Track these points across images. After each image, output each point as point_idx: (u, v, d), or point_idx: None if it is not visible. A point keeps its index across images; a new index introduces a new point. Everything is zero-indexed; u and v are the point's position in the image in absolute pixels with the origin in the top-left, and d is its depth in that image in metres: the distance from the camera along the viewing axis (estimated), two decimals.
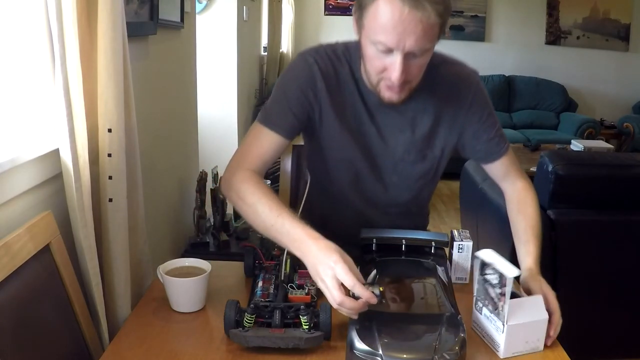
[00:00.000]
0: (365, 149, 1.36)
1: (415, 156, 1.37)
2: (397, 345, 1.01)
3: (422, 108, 1.33)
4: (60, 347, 1.08)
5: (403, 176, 1.40)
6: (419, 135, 1.35)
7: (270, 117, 1.32)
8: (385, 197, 1.43)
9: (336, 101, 1.32)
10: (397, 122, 1.34)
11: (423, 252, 1.31)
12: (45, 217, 1.09)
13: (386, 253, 1.30)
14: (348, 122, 1.34)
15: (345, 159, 1.38)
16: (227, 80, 3.47)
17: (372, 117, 1.33)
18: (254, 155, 1.31)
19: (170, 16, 2.02)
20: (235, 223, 2.60)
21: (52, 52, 1.09)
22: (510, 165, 1.42)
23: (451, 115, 1.35)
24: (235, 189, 1.25)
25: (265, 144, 1.31)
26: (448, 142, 1.38)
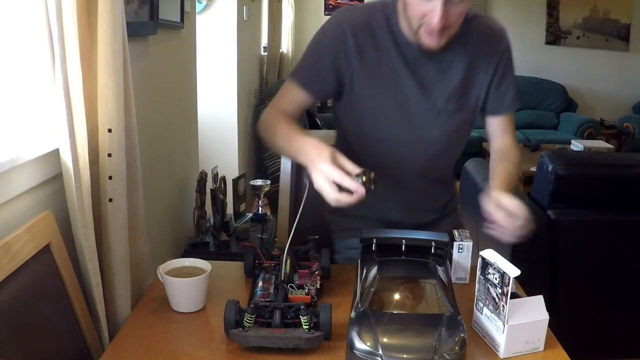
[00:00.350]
0: (403, 104, 1.36)
1: (455, 105, 1.38)
2: (397, 345, 1.01)
3: (458, 57, 1.36)
4: (60, 347, 1.08)
5: (444, 129, 1.40)
6: (456, 83, 1.37)
7: (299, 74, 1.38)
8: (423, 156, 1.43)
9: (370, 58, 1.33)
10: (436, 72, 1.35)
11: (423, 252, 1.31)
12: (45, 217, 1.09)
13: (386, 253, 1.30)
14: (383, 78, 1.35)
15: (380, 117, 1.38)
16: (227, 80, 3.47)
17: (410, 69, 1.34)
18: (282, 105, 1.39)
19: (170, 16, 2.02)
20: (235, 223, 2.60)
21: (52, 52, 1.09)
22: (509, 124, 1.47)
23: (482, 65, 1.38)
24: (264, 127, 1.38)
25: (292, 99, 1.38)
26: (480, 92, 1.40)
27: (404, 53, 1.33)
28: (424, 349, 1.00)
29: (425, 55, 1.32)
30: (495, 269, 1.11)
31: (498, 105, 1.43)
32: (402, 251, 1.32)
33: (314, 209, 1.65)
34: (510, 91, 1.42)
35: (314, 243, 1.46)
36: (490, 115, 1.45)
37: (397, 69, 1.34)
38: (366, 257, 1.29)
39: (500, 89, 1.41)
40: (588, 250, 2.28)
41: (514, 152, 1.45)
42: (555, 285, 2.30)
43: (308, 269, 1.39)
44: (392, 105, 1.36)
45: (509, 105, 1.44)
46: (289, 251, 1.35)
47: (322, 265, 1.40)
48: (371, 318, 1.05)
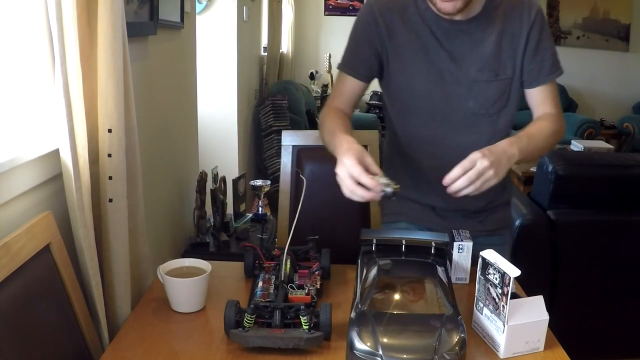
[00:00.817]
0: (436, 77, 1.38)
1: (489, 75, 1.38)
2: (397, 346, 1.01)
3: (489, 28, 1.36)
4: (60, 347, 1.08)
5: (479, 100, 1.39)
6: (488, 53, 1.37)
7: (344, 61, 1.46)
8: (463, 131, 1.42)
9: (400, 35, 1.38)
10: (466, 42, 1.37)
11: (423, 252, 1.31)
12: (45, 217, 1.09)
13: (386, 253, 1.30)
14: (415, 53, 1.38)
15: (415, 91, 1.41)
16: (227, 80, 3.47)
17: (440, 42, 1.37)
18: (336, 96, 1.48)
19: (170, 16, 2.02)
20: (235, 223, 2.60)
21: (52, 52, 1.09)
22: (549, 95, 1.42)
23: (515, 35, 1.37)
24: (319, 122, 1.46)
25: (343, 87, 1.47)
26: (516, 62, 1.38)
27: (433, 27, 1.36)
28: (424, 349, 1.00)
29: (455, 27, 1.35)
30: (495, 269, 1.11)
31: (536, 74, 1.39)
32: (402, 251, 1.32)
33: (314, 209, 1.65)
34: (547, 60, 1.39)
35: (314, 243, 1.46)
36: (529, 87, 1.41)
37: (427, 42, 1.37)
38: (366, 257, 1.29)
39: (536, 58, 1.38)
40: (588, 250, 2.28)
41: (551, 121, 1.39)
42: (555, 285, 2.29)
43: (308, 269, 1.39)
44: (426, 79, 1.39)
45: (547, 74, 1.40)
46: (289, 251, 1.35)
47: (322, 266, 1.40)
48: (371, 318, 1.05)
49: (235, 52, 3.44)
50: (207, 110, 3.32)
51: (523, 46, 1.37)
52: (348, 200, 1.95)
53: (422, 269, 1.24)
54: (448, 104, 1.40)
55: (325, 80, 5.92)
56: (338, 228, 1.85)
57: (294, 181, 1.96)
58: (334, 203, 1.94)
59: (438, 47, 1.37)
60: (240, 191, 2.73)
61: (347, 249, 1.44)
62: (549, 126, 1.37)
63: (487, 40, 1.37)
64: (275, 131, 3.93)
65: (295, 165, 1.96)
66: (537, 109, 1.44)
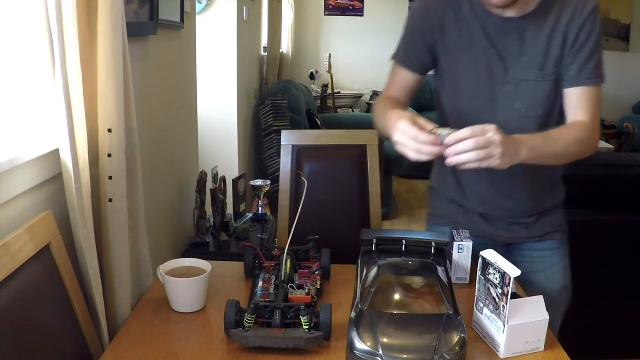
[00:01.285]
0: (483, 75, 1.36)
1: (537, 74, 1.34)
2: (397, 345, 1.01)
3: (539, 26, 1.32)
4: (60, 347, 1.08)
5: (526, 100, 1.35)
6: (537, 51, 1.33)
7: (398, 54, 1.49)
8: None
9: (450, 30, 1.38)
10: (517, 39, 1.33)
11: (423, 252, 1.31)
12: (45, 217, 1.09)
13: (386, 253, 1.30)
14: (464, 49, 1.37)
15: (462, 88, 1.41)
16: (226, 80, 3.47)
17: (491, 40, 1.34)
18: (390, 87, 1.51)
19: (170, 16, 2.02)
20: (235, 223, 2.60)
21: (52, 52, 1.09)
22: (586, 100, 1.33)
23: (564, 33, 1.32)
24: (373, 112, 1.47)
25: (396, 79, 1.50)
26: (562, 58, 1.33)
27: (485, 23, 1.34)
28: (424, 349, 1.00)
29: (507, 24, 1.32)
30: (495, 269, 1.11)
31: (575, 74, 1.33)
32: (402, 251, 1.32)
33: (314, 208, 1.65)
34: (591, 63, 1.32)
35: (314, 243, 1.46)
36: (566, 86, 1.34)
37: (477, 39, 1.35)
38: (366, 257, 1.29)
39: (579, 57, 1.32)
40: (588, 250, 2.28)
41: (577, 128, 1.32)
42: None
43: (308, 269, 1.39)
44: (473, 77, 1.38)
45: (587, 77, 1.32)
46: (289, 251, 1.35)
47: (322, 265, 1.40)
48: (371, 318, 1.05)
49: (235, 52, 3.44)
50: (207, 110, 3.31)
51: (571, 42, 1.32)
52: (348, 200, 1.96)
53: (422, 268, 1.24)
54: (495, 103, 1.37)
55: (325, 80, 5.92)
56: (338, 228, 1.85)
57: (293, 181, 1.96)
58: (333, 203, 1.95)
59: (488, 44, 1.34)
60: (240, 191, 2.73)
61: (347, 249, 1.45)
62: (573, 133, 1.30)
63: (538, 38, 1.32)
64: (275, 131, 3.93)
65: (294, 164, 1.96)
66: (570, 113, 1.35)
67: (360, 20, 6.38)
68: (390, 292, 1.16)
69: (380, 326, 1.04)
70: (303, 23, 6.33)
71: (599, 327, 2.37)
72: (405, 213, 4.50)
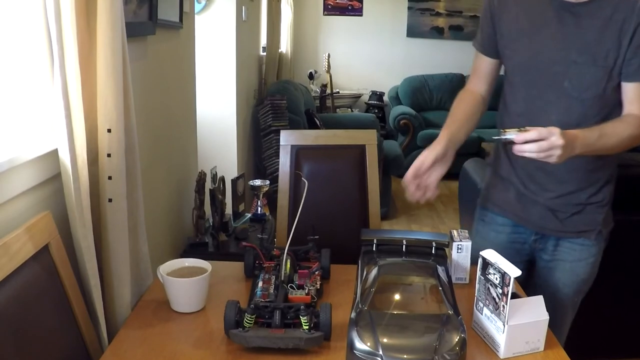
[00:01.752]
0: (538, 53, 1.42)
1: (587, 59, 1.38)
2: (397, 345, 1.01)
3: (596, 12, 1.36)
4: (59, 347, 1.08)
5: (574, 82, 1.39)
6: (591, 37, 1.37)
7: (476, 39, 1.59)
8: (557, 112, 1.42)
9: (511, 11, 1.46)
10: (572, 24, 1.38)
11: (423, 253, 1.31)
12: (44, 217, 1.09)
13: (387, 254, 1.30)
14: (522, 29, 1.45)
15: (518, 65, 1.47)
16: (226, 80, 3.46)
17: (547, 21, 1.41)
18: (472, 74, 1.62)
19: (169, 16, 2.02)
20: (234, 223, 2.60)
21: (51, 52, 1.09)
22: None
23: (621, 24, 1.35)
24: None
25: (477, 64, 1.60)
26: (620, 51, 1.36)
27: (544, 5, 1.41)
28: (424, 349, 1.00)
29: (565, 8, 1.37)
30: (495, 269, 1.11)
31: (634, 69, 1.37)
32: (402, 252, 1.31)
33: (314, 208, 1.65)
34: None
35: (314, 243, 1.46)
36: (625, 80, 1.39)
37: (534, 19, 1.42)
38: (366, 257, 1.29)
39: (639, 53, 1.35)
40: None
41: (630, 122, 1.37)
42: None
43: (308, 269, 1.39)
44: (527, 52, 1.44)
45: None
46: (289, 251, 1.35)
47: (322, 266, 1.40)
48: (371, 318, 1.05)
49: (234, 52, 3.44)
50: (206, 110, 3.31)
51: (629, 38, 1.34)
52: (347, 200, 1.96)
53: (423, 269, 1.24)
54: (544, 79, 1.43)
55: (324, 80, 5.92)
56: (338, 228, 1.85)
57: (292, 181, 1.96)
58: (333, 203, 1.95)
59: (543, 25, 1.41)
60: (239, 191, 2.73)
61: (347, 249, 1.45)
62: (628, 130, 1.36)
63: (593, 26, 1.36)
64: (274, 131, 3.93)
65: (294, 165, 1.96)
66: (626, 105, 1.41)
67: (359, 20, 6.37)
68: (391, 292, 1.16)
69: (381, 326, 1.03)
70: (302, 23, 6.33)
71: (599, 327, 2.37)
72: (404, 213, 4.50)
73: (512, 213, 1.57)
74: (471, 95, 1.57)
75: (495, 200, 1.62)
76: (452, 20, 6.33)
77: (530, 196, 1.52)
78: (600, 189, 1.51)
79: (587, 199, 1.50)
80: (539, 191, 1.50)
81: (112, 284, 1.24)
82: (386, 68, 6.35)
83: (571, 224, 1.51)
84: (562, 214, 1.51)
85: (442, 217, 4.51)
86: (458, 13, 6.34)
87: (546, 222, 1.52)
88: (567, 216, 1.51)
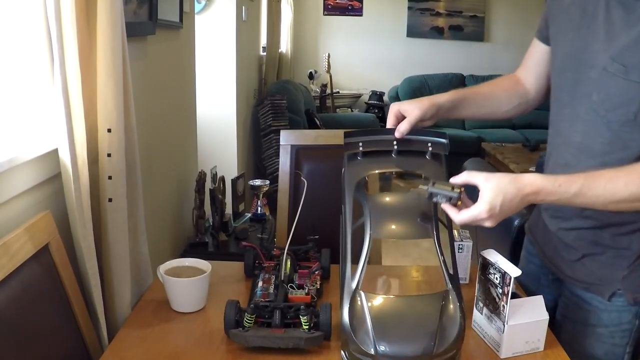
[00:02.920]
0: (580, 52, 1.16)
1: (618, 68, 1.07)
2: (394, 346, 1.00)
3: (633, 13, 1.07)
4: (59, 347, 1.08)
5: (601, 95, 1.11)
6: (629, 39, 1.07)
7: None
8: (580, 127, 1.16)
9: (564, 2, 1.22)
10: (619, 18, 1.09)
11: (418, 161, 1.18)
12: (44, 217, 1.09)
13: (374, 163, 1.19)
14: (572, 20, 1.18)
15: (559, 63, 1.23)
16: (226, 80, 3.47)
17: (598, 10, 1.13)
18: (522, 62, 1.41)
19: (169, 16, 2.02)
20: (234, 223, 2.60)
21: (51, 52, 1.09)
22: None
23: None
24: None
25: (530, 51, 1.38)
26: None
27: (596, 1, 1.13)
28: (422, 349, 0.99)
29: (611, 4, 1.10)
30: (496, 268, 1.11)
31: None
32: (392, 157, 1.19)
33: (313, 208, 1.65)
34: None
35: (314, 243, 1.46)
36: None
37: (587, 9, 1.15)
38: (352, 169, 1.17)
39: None
40: None
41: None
42: None
43: (308, 269, 1.39)
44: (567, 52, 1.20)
45: None
46: (289, 251, 1.35)
47: (322, 265, 1.40)
48: (366, 315, 1.02)
49: (234, 52, 3.44)
50: (206, 110, 3.31)
51: None
52: None
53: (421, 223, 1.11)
54: (577, 86, 1.16)
55: (324, 80, 5.92)
56: (338, 228, 1.85)
57: (292, 181, 1.95)
58: (333, 203, 1.94)
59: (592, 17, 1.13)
60: (239, 191, 2.73)
61: None
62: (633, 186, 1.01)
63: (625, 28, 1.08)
64: (274, 131, 3.93)
65: (294, 164, 1.96)
66: None
67: (359, 20, 6.37)
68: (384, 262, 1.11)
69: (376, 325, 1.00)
70: (302, 23, 6.33)
71: None
72: None
73: (537, 242, 1.34)
74: (511, 81, 1.38)
75: (530, 225, 1.40)
76: (452, 20, 6.33)
77: (548, 223, 1.28)
78: (631, 232, 1.14)
79: (609, 241, 1.16)
80: (555, 219, 1.25)
81: (112, 283, 1.24)
82: (386, 68, 6.35)
83: (581, 269, 1.20)
84: (573, 252, 1.21)
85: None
86: (458, 13, 6.34)
87: (558, 260, 1.25)
88: (579, 257, 1.20)
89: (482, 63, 6.30)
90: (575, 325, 1.22)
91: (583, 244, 1.19)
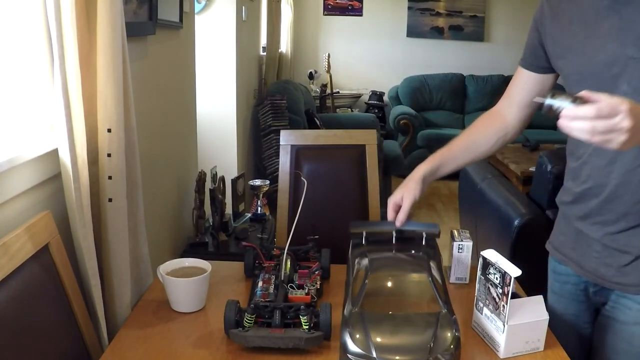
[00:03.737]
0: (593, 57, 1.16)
1: None
2: (391, 347, 1.01)
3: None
4: (59, 347, 1.08)
5: (633, 83, 1.11)
6: None
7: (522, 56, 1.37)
8: None
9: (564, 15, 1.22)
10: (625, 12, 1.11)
11: (414, 244, 1.28)
12: (44, 217, 1.09)
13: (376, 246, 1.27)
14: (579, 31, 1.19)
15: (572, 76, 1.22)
16: (226, 80, 3.47)
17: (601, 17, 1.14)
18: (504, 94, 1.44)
19: (169, 16, 2.02)
20: (234, 223, 2.60)
21: (51, 52, 1.09)
22: None
23: None
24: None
25: (515, 79, 1.40)
26: None
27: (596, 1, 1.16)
28: (419, 350, 0.99)
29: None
30: (496, 268, 1.11)
31: None
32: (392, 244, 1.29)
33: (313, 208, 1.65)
34: None
35: (314, 243, 1.46)
36: None
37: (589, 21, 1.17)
38: (356, 251, 1.27)
39: None
40: None
41: None
42: None
43: (308, 269, 1.39)
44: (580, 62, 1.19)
45: None
46: (289, 251, 1.35)
47: (322, 265, 1.40)
48: (363, 319, 1.05)
49: (234, 52, 3.44)
50: (206, 110, 3.31)
51: None
52: (347, 200, 1.97)
53: (414, 264, 1.22)
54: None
55: (324, 80, 5.92)
56: (337, 228, 1.85)
57: (292, 181, 1.96)
58: (333, 203, 1.95)
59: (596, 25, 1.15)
60: (239, 191, 2.73)
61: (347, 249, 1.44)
62: None
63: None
64: (274, 131, 3.93)
65: (293, 164, 1.96)
66: None
67: (359, 20, 6.37)
68: (382, 291, 1.15)
69: (373, 327, 1.03)
70: (302, 23, 6.33)
71: None
72: None
73: (569, 258, 1.30)
74: (489, 119, 1.42)
75: (555, 244, 1.36)
76: (452, 20, 6.33)
77: (586, 232, 1.23)
78: None
79: None
80: (597, 225, 1.20)
81: (112, 283, 1.24)
82: (386, 68, 6.35)
83: (633, 273, 1.17)
84: (623, 257, 1.17)
85: (442, 217, 4.51)
86: (458, 13, 6.34)
87: (603, 270, 1.21)
88: (630, 260, 1.17)
89: (482, 63, 6.30)
90: (626, 326, 1.20)
91: (633, 246, 1.16)
